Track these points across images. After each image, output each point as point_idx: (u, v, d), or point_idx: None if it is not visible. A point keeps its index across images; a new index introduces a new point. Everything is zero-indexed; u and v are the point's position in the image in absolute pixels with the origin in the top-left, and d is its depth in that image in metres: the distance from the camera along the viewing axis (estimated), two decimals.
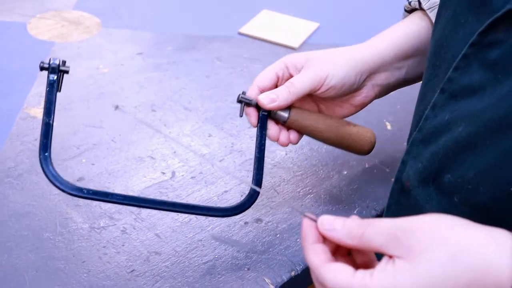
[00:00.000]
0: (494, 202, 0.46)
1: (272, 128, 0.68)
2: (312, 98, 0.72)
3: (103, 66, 0.98)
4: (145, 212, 0.72)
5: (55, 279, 0.63)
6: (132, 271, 0.65)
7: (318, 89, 0.67)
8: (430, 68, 0.58)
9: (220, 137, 0.85)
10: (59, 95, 0.90)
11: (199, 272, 0.66)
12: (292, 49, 1.06)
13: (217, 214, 0.65)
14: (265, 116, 0.67)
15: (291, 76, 0.69)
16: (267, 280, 0.65)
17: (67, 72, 0.63)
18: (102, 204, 0.73)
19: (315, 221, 0.47)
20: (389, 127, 0.91)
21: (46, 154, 0.61)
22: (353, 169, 0.83)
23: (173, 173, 0.79)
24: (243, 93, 0.67)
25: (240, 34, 1.09)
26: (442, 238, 0.42)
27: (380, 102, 0.94)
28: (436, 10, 0.64)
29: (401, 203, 0.58)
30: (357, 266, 0.48)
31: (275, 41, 1.07)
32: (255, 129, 0.68)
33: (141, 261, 0.66)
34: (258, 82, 0.68)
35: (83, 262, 0.66)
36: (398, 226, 0.43)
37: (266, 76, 0.69)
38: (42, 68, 0.62)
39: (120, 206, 0.73)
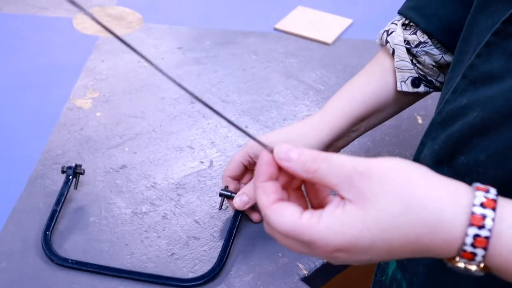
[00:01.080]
0: (502, 186, 0.43)
1: (255, 215, 0.71)
2: None
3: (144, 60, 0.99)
4: (184, 199, 0.74)
5: (100, 260, 0.65)
6: (172, 254, 0.67)
7: None
8: (458, 53, 0.58)
9: (256, 129, 0.86)
10: (104, 86, 0.93)
11: (236, 256, 0.67)
12: (326, 44, 1.06)
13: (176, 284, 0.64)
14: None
15: (255, 163, 0.59)
16: (300, 266, 0.66)
17: (82, 173, 0.73)
18: (144, 190, 0.75)
19: (272, 151, 0.43)
20: (420, 120, 0.91)
21: (48, 233, 0.67)
22: None
23: (211, 162, 0.80)
24: (225, 187, 0.70)
25: (275, 29, 1.10)
26: (397, 191, 0.39)
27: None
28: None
29: None
30: (309, 198, 0.46)
31: (310, 36, 1.07)
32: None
33: (180, 245, 0.68)
34: (227, 173, 0.71)
35: (126, 245, 0.67)
36: (355, 168, 0.40)
37: (233, 167, 0.70)
38: (62, 171, 0.72)
39: (161, 193, 0.74)
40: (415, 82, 0.71)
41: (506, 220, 0.38)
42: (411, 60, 0.70)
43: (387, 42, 0.72)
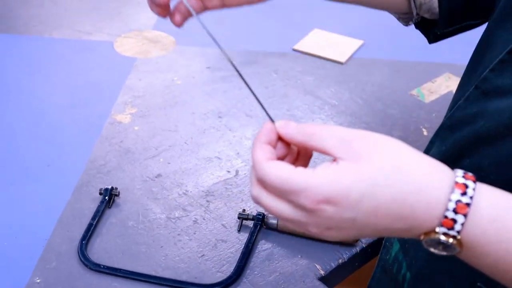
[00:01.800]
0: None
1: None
2: None
3: (177, 78, 1.00)
4: (212, 205, 0.74)
5: (138, 260, 0.66)
6: (202, 255, 0.67)
7: None
8: (472, 62, 0.57)
9: None
10: (141, 102, 0.93)
11: (259, 258, 0.67)
12: (340, 63, 1.06)
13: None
14: (258, 223, 0.69)
15: None
16: (318, 266, 0.66)
17: (117, 195, 0.73)
18: (177, 197, 0.75)
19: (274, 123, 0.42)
20: (425, 133, 0.90)
21: (84, 242, 0.67)
22: None
23: (237, 171, 0.80)
24: (243, 210, 0.70)
25: (294, 50, 1.09)
26: (391, 154, 0.38)
27: (417, 111, 0.94)
28: None
29: None
30: None
31: (325, 56, 1.07)
32: None
33: (210, 247, 0.68)
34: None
35: (161, 247, 0.68)
36: (352, 133, 0.39)
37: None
38: (100, 193, 0.73)
39: (192, 200, 0.75)
40: None
41: (484, 194, 0.38)
42: None
43: None
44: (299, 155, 0.43)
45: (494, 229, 0.37)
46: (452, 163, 0.51)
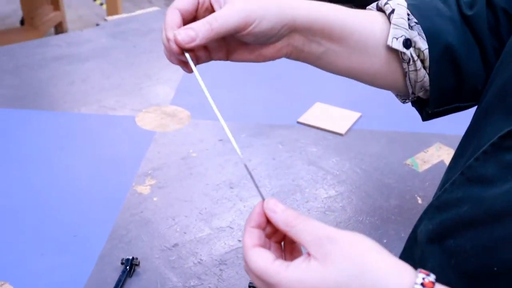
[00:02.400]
0: (479, 274, 0.44)
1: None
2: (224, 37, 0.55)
3: (193, 150, 1.02)
4: (225, 273, 0.74)
5: None
6: None
7: (240, 32, 0.51)
8: (460, 147, 0.57)
9: None
10: (160, 174, 0.95)
11: None
12: (340, 134, 1.08)
13: None
14: None
15: (211, 6, 0.53)
16: None
17: (137, 265, 0.74)
18: (192, 266, 0.75)
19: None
20: (420, 201, 0.90)
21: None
22: (391, 237, 0.82)
23: None
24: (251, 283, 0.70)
25: (298, 122, 1.12)
26: (355, 257, 0.40)
27: (411, 180, 0.95)
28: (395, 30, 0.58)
29: (413, 250, 0.56)
30: (284, 253, 0.46)
31: (326, 128, 1.09)
32: (315, 203, 0.68)
33: None
34: (177, 3, 0.52)
35: None
36: (327, 233, 0.41)
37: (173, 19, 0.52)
38: (121, 263, 0.74)
39: (206, 268, 0.75)
40: (407, 43, 0.59)
41: None
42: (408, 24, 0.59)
43: (386, 3, 0.61)
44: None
45: None
46: (438, 242, 0.51)
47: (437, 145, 1.05)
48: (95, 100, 1.17)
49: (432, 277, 0.40)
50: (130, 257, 0.74)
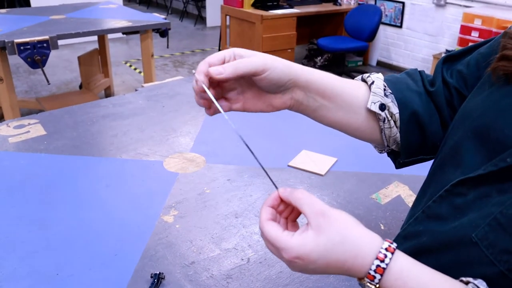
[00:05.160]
0: None
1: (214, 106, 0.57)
2: (243, 83, 0.58)
3: (207, 188, 1.03)
4: (231, 286, 0.74)
5: None
6: None
7: (258, 75, 0.54)
8: (421, 191, 0.58)
9: None
10: (181, 207, 0.95)
11: None
12: (321, 175, 1.09)
13: None
14: None
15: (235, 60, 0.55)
16: None
17: (163, 278, 0.74)
18: (205, 279, 0.75)
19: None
20: (382, 227, 0.91)
21: None
22: None
23: (249, 259, 0.80)
24: None
25: (289, 166, 1.13)
26: (340, 230, 0.44)
27: (376, 211, 0.95)
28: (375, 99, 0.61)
29: None
30: (287, 226, 0.50)
31: (310, 170, 1.10)
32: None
33: None
34: (208, 59, 0.54)
35: None
36: (321, 209, 0.45)
37: (216, 56, 0.54)
38: (151, 276, 0.74)
39: (217, 281, 0.75)
40: (382, 107, 0.62)
41: (397, 262, 0.44)
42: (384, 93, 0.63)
43: (368, 77, 0.64)
44: (294, 209, 0.50)
45: (398, 284, 0.44)
46: None
47: (395, 183, 1.06)
48: (133, 148, 1.19)
49: (394, 245, 0.45)
50: (158, 272, 0.75)
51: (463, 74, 0.60)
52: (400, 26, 4.60)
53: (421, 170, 0.70)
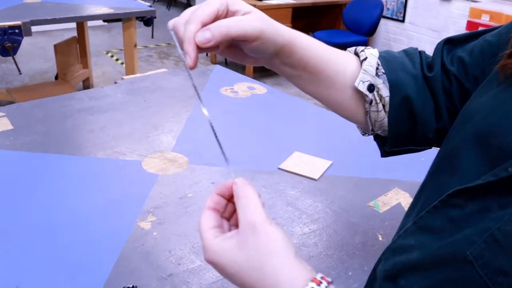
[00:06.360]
0: None
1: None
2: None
3: (189, 191, 1.00)
4: None
5: None
6: None
7: (247, 42, 0.50)
8: (415, 199, 0.56)
9: None
10: (159, 212, 0.93)
11: None
12: (314, 180, 1.07)
13: None
14: None
15: (229, 13, 0.49)
16: None
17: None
18: None
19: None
20: (380, 238, 0.89)
21: None
22: (356, 270, 0.81)
23: None
24: None
25: (279, 169, 1.11)
26: (263, 253, 0.42)
27: (373, 219, 0.94)
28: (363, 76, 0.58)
29: (373, 285, 0.55)
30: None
31: (303, 174, 1.08)
32: (292, 239, 0.66)
33: None
34: (200, 16, 0.47)
35: None
36: (254, 222, 0.42)
37: (208, 11, 0.47)
38: None
39: None
40: (371, 88, 0.59)
41: None
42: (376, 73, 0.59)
43: (362, 51, 0.61)
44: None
45: None
46: (392, 281, 0.50)
47: (395, 189, 1.05)
48: (109, 147, 1.16)
49: (323, 286, 0.41)
50: (131, 286, 0.72)
51: (465, 62, 0.59)
52: (403, 21, 4.62)
53: (424, 175, 0.68)
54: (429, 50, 0.63)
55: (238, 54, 0.54)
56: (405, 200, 1.01)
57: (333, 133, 1.31)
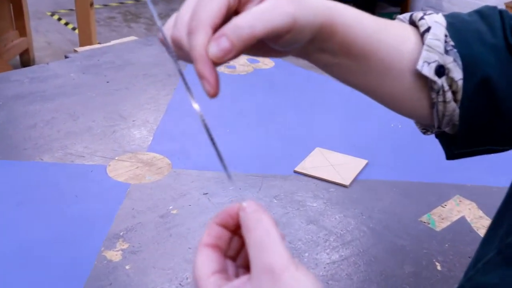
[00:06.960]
0: None
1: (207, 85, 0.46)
2: None
3: (173, 207, 0.99)
4: None
5: None
6: None
7: (277, 39, 0.46)
8: (497, 216, 0.55)
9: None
10: (133, 236, 0.92)
11: None
12: (344, 186, 1.06)
13: None
14: None
15: (241, 2, 0.46)
16: None
17: None
18: None
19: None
20: (439, 267, 0.88)
21: None
22: None
23: None
24: None
25: (295, 172, 1.10)
26: None
27: (428, 241, 0.93)
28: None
29: None
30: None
31: (328, 179, 1.07)
32: (316, 270, 0.66)
33: None
34: (208, 19, 0.43)
35: None
36: (273, 265, 0.40)
37: (216, 7, 0.43)
38: None
39: None
40: (440, 70, 0.55)
41: None
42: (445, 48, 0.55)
43: (421, 18, 0.57)
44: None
45: None
46: None
47: (457, 198, 1.04)
48: (60, 147, 1.15)
49: None
50: None
51: None
52: None
53: (496, 178, 0.67)
54: (495, 0, 0.60)
55: (260, 49, 0.51)
56: (471, 212, 1.00)
57: (368, 121, 1.30)
